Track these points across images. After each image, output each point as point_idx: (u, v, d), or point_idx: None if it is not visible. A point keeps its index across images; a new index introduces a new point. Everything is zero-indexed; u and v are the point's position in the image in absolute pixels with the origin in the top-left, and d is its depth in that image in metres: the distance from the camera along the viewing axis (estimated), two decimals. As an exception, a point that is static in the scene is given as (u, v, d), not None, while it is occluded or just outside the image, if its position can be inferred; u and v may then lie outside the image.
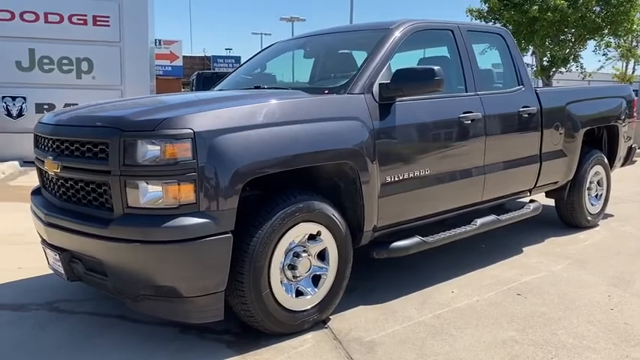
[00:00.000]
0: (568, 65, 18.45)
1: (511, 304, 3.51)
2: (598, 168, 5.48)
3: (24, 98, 11.52)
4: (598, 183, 5.57)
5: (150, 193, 2.61)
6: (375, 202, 3.37)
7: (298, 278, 3.07)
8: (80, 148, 2.82)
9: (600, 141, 5.77)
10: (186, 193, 2.60)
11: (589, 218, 5.40)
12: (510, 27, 17.88)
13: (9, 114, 11.07)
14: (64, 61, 11.75)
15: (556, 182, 5.03)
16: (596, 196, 5.58)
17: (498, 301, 3.57)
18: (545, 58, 18.62)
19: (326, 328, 3.17)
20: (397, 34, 3.75)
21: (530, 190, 4.75)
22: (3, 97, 11.40)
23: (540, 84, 19.69)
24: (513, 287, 3.82)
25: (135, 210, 2.64)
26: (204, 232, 2.62)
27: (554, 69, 18.52)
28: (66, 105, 9.98)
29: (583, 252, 4.67)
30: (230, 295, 2.85)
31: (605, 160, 5.56)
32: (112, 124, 2.71)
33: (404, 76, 3.41)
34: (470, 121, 3.94)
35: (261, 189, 3.05)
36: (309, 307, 3.09)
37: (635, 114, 5.99)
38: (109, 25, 11.85)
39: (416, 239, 3.67)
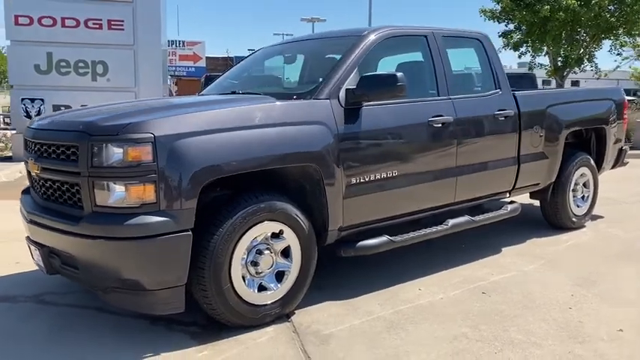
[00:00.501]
0: (582, 65, 18.23)
1: (473, 302, 3.63)
2: (584, 170, 5.53)
3: (42, 100, 11.95)
4: (584, 185, 5.62)
5: (114, 193, 2.82)
6: (340, 203, 3.52)
7: (261, 274, 3.25)
8: (56, 151, 3.05)
9: (588, 143, 5.81)
10: (147, 193, 2.80)
11: (574, 220, 5.45)
12: (524, 27, 17.82)
13: (28, 115, 11.48)
14: (80, 64, 12.13)
15: (537, 184, 5.11)
16: (583, 197, 5.62)
17: (461, 299, 3.69)
18: (559, 59, 18.42)
19: (289, 321, 3.34)
20: (367, 41, 3.90)
21: (509, 192, 4.83)
22: (22, 99, 11.85)
23: (554, 84, 19.53)
24: (480, 286, 3.93)
25: (102, 209, 2.85)
26: (163, 230, 2.81)
27: (567, 69, 18.31)
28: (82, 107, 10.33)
29: (560, 253, 4.75)
30: (194, 288, 3.05)
31: (592, 162, 5.60)
32: (82, 128, 2.93)
33: (368, 82, 3.56)
34: (440, 125, 4.06)
35: (232, 189, 3.25)
36: (271, 301, 3.27)
37: (625, 116, 6.01)
38: (123, 29, 12.19)
39: (383, 238, 3.81)
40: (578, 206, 5.55)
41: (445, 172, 4.16)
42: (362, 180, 3.62)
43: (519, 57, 19.13)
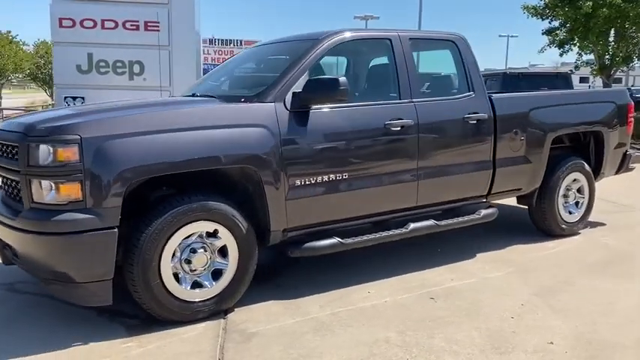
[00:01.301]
0: (631, 64, 17.23)
1: (416, 307, 3.62)
2: (576, 175, 5.33)
3: (83, 98, 12.53)
4: (578, 190, 5.41)
5: (46, 191, 3.01)
6: (283, 204, 3.59)
7: (195, 272, 3.36)
8: (5, 151, 3.28)
9: (587, 147, 5.59)
10: (73, 191, 2.97)
11: (564, 227, 5.27)
12: (568, 24, 17.06)
13: (69, 113, 12.07)
14: (118, 64, 12.61)
15: (519, 189, 4.97)
16: (577, 204, 5.41)
17: (406, 304, 3.68)
18: (606, 57, 17.50)
19: (224, 318, 3.44)
20: (321, 45, 3.93)
21: (485, 196, 4.73)
22: (65, 98, 12.47)
23: (600, 84, 18.59)
24: (432, 291, 3.90)
25: (37, 205, 3.05)
26: (89, 227, 2.98)
27: (615, 68, 17.36)
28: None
29: (536, 260, 4.61)
30: (127, 283, 3.20)
31: (586, 167, 5.39)
32: (22, 130, 3.14)
33: (312, 86, 3.61)
34: (399, 128, 4.04)
35: (177, 188, 3.39)
36: (205, 298, 3.39)
37: (631, 119, 5.73)
38: (159, 30, 12.57)
39: (333, 240, 3.85)
40: (570, 213, 5.35)
41: (404, 176, 4.14)
42: (307, 182, 3.67)
43: (561, 55, 18.35)
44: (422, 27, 29.22)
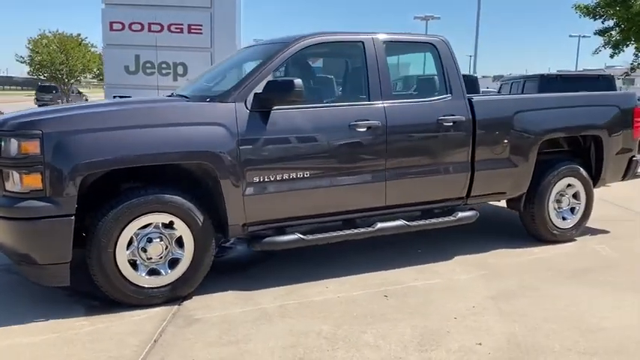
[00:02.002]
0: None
1: (363, 303, 3.70)
2: (571, 180, 5.20)
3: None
4: (574, 196, 5.28)
5: (13, 180, 3.34)
6: (241, 200, 3.78)
7: (152, 260, 3.61)
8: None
9: (588, 152, 5.44)
10: (35, 181, 3.28)
11: (555, 232, 5.15)
12: (622, 25, 16.21)
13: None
14: (163, 66, 13.26)
15: (503, 193, 4.93)
16: (572, 209, 5.28)
17: (357, 300, 3.77)
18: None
19: (179, 305, 3.67)
20: (289, 49, 4.09)
21: (464, 199, 4.72)
22: (114, 97, 13.25)
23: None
24: (390, 290, 3.97)
25: (8, 193, 3.39)
26: (47, 214, 3.29)
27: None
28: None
29: (513, 265, 4.55)
30: (89, 267, 3.50)
31: (582, 173, 5.24)
32: (-3, 125, 3.49)
33: (271, 88, 3.78)
34: (365, 129, 4.13)
35: (145, 181, 3.66)
36: (159, 285, 3.63)
37: (637, 124, 5.52)
38: (201, 33, 13.12)
39: (293, 236, 4.00)
40: (563, 219, 5.23)
41: (371, 176, 4.22)
42: (266, 180, 3.84)
43: (611, 57, 17.43)
44: (480, 28, 28.70)
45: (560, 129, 5.04)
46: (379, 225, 4.30)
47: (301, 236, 4.02)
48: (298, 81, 3.71)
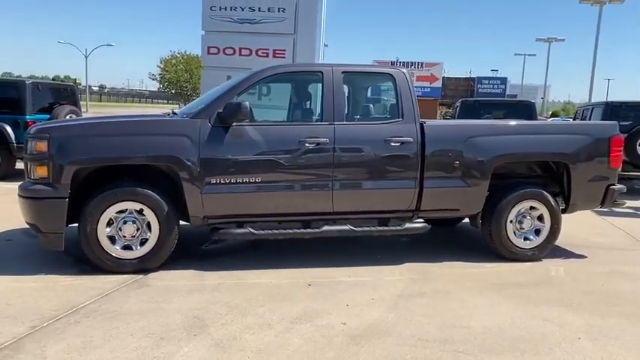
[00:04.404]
0: None
1: (285, 288, 4.47)
2: (533, 203, 5.50)
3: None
4: (539, 218, 5.56)
5: (31, 170, 4.62)
6: (199, 197, 4.75)
7: (126, 237, 4.69)
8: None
9: (561, 177, 5.71)
10: (42, 171, 4.52)
11: (514, 251, 5.48)
12: None
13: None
14: (251, 89, 14.79)
15: (456, 209, 5.40)
16: (537, 231, 5.57)
17: (281, 286, 4.54)
18: None
19: (145, 275, 4.70)
20: (254, 77, 5.04)
21: (414, 211, 5.28)
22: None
23: None
24: (317, 281, 4.67)
25: (29, 179, 4.68)
26: (49, 195, 4.51)
27: None
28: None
29: (450, 275, 4.98)
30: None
31: (546, 196, 5.50)
32: (29, 131, 4.81)
33: (226, 108, 4.74)
34: (314, 145, 4.92)
35: (132, 176, 4.79)
36: (131, 257, 4.69)
37: (617, 154, 5.67)
38: (284, 57, 14.54)
39: (245, 230, 4.90)
40: (525, 239, 5.54)
41: (318, 185, 4.98)
42: (220, 182, 4.78)
43: None
44: (599, 45, 27.21)
45: (513, 154, 5.39)
46: (325, 227, 5.04)
47: (251, 230, 4.89)
48: (245, 103, 4.64)
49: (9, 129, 9.52)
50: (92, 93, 69.64)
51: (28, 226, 4.86)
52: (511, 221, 5.47)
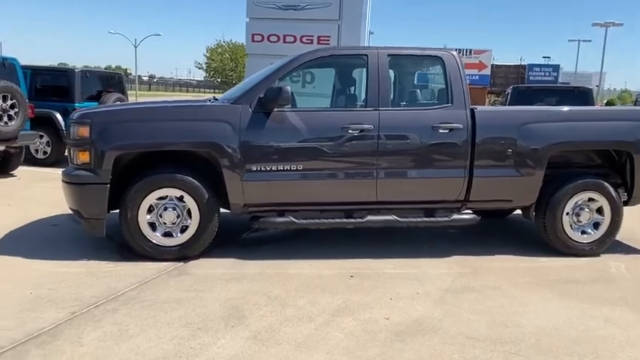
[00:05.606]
0: None
1: (325, 279, 4.32)
2: (592, 194, 5.15)
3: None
4: (598, 211, 5.21)
5: (74, 156, 4.62)
6: (239, 184, 4.64)
7: (166, 224, 4.64)
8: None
9: (624, 167, 5.33)
10: (84, 157, 4.51)
11: (569, 245, 5.16)
12: None
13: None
14: (294, 74, 14.65)
15: (509, 200, 5.12)
16: (596, 224, 5.23)
17: (322, 276, 4.39)
18: None
19: (184, 262, 4.64)
20: (297, 60, 4.87)
21: (463, 202, 5.03)
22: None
23: None
24: (359, 273, 4.50)
25: (75, 165, 4.68)
26: (91, 181, 4.49)
27: None
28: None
29: (498, 269, 4.74)
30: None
31: (607, 188, 5.14)
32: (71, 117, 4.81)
33: (268, 92, 4.60)
34: (357, 132, 4.73)
35: (172, 163, 4.73)
36: (171, 244, 4.64)
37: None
38: (329, 44, 14.32)
39: (285, 218, 4.77)
40: (583, 233, 5.21)
41: (361, 173, 4.79)
42: (261, 169, 4.65)
43: None
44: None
45: (571, 142, 5.05)
46: (368, 217, 4.85)
47: (293, 219, 4.75)
48: (286, 87, 4.48)
49: (58, 116, 9.72)
50: (142, 83, 71.34)
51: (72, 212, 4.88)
52: (567, 213, 5.13)
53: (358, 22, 14.14)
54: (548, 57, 63.03)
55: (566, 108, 5.48)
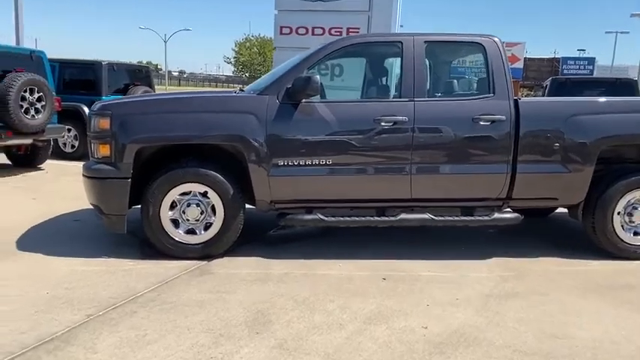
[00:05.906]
0: None
1: (356, 282, 4.04)
2: (647, 193, 4.76)
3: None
4: (655, 211, 4.80)
5: (95, 149, 4.42)
6: (265, 179, 4.39)
7: (189, 221, 4.42)
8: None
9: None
10: (105, 150, 4.31)
11: (620, 247, 4.77)
12: None
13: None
14: (322, 67, 14.34)
15: (554, 199, 4.75)
16: (651, 226, 4.82)
17: (352, 278, 4.12)
18: None
19: (208, 261, 4.42)
20: (327, 50, 4.59)
21: (504, 200, 4.68)
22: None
23: None
24: (393, 275, 4.21)
25: (94, 159, 4.49)
26: (112, 175, 4.29)
27: None
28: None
29: (545, 272, 4.39)
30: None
31: (662, 186, 4.74)
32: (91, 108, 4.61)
33: (296, 82, 4.32)
34: (391, 124, 4.43)
35: (195, 156, 4.51)
36: (195, 242, 4.42)
37: None
38: (359, 36, 13.97)
39: (313, 216, 4.50)
40: (635, 234, 4.80)
41: (394, 169, 4.49)
42: (288, 164, 4.38)
43: None
44: None
45: (624, 136, 4.64)
46: (402, 215, 4.55)
47: (321, 217, 4.48)
48: (315, 77, 4.20)
49: (86, 109, 9.62)
50: (172, 78, 71.94)
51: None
52: (619, 213, 4.74)
53: (389, 12, 13.73)
54: (583, 49, 61.18)
55: (618, 98, 5.06)
